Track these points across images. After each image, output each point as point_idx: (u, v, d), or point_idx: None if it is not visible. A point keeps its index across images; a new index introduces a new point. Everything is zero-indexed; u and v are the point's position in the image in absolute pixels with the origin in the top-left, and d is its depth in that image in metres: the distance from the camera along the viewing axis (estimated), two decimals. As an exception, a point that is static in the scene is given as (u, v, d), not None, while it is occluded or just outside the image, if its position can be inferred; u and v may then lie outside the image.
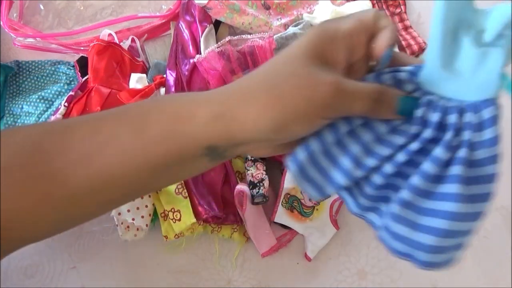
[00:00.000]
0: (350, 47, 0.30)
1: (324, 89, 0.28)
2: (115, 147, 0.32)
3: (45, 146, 0.33)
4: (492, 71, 0.27)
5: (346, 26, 0.30)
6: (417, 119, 0.29)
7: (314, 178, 0.32)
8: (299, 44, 0.30)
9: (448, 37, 0.28)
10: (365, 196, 0.32)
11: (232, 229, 0.52)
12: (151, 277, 0.50)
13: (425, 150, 0.29)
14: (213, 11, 0.58)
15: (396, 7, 0.68)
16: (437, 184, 0.29)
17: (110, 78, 0.55)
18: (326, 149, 0.31)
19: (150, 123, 0.31)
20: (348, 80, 0.30)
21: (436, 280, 0.53)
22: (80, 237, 0.51)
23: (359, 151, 0.31)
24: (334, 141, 0.31)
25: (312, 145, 0.31)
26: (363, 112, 0.30)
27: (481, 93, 0.27)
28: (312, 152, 0.31)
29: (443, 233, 0.29)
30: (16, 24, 0.60)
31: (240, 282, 0.51)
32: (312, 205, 0.53)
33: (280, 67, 0.30)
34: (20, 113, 0.55)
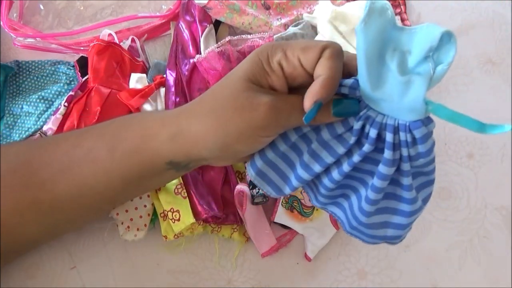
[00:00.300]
0: (288, 76, 0.33)
1: (260, 110, 0.31)
2: (91, 160, 0.36)
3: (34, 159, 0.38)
4: (416, 99, 0.28)
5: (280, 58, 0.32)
6: (356, 131, 0.31)
7: (273, 180, 0.35)
8: (239, 68, 0.33)
9: (374, 61, 0.28)
10: (321, 195, 0.36)
11: (232, 229, 0.52)
12: (151, 277, 0.50)
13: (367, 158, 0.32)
14: (213, 11, 0.58)
15: (396, 7, 0.68)
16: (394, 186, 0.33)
17: (110, 78, 0.55)
18: (283, 154, 0.34)
19: (121, 141, 0.36)
20: (282, 97, 0.32)
21: (436, 280, 0.53)
22: (80, 237, 0.51)
23: (308, 157, 0.34)
24: (289, 146, 0.34)
25: (268, 154, 0.34)
26: (302, 122, 0.32)
27: (411, 115, 0.29)
28: (269, 159, 0.34)
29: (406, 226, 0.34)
30: (16, 24, 0.60)
31: (240, 282, 0.51)
32: (312, 205, 0.53)
33: (224, 90, 0.33)
34: (20, 113, 0.55)
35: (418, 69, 0.27)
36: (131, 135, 0.36)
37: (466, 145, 0.61)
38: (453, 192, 0.58)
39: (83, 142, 0.38)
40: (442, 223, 0.56)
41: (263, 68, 0.33)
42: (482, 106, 0.63)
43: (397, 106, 0.29)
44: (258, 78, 0.32)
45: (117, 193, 0.38)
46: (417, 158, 0.31)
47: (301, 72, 0.32)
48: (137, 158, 0.35)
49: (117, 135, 0.37)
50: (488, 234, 0.56)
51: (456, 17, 0.69)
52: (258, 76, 0.32)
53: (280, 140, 0.34)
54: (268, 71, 0.33)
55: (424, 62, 0.27)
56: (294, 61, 0.32)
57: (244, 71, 0.33)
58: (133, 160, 0.36)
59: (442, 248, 0.55)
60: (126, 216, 0.49)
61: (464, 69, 0.66)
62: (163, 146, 0.34)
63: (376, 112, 0.31)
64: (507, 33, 0.68)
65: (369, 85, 0.29)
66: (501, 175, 0.59)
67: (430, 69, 0.27)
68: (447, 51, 0.27)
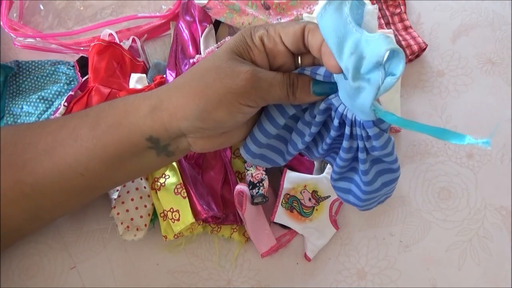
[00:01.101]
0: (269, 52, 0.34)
1: (241, 77, 0.32)
2: (73, 139, 0.36)
3: (20, 139, 0.38)
4: (364, 104, 0.29)
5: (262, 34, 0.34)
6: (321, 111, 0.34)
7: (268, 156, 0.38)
8: (224, 44, 0.35)
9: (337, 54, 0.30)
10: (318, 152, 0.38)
11: (232, 229, 0.52)
12: (151, 277, 0.51)
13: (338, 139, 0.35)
14: (213, 11, 0.58)
15: (396, 7, 0.68)
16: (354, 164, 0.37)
17: (110, 78, 0.55)
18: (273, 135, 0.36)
19: (103, 118, 0.36)
20: (263, 70, 0.33)
21: (436, 280, 0.53)
22: (80, 237, 0.51)
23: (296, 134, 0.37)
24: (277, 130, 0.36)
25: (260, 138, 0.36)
26: (283, 97, 0.34)
27: (362, 116, 0.31)
28: (261, 143, 0.36)
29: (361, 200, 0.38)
30: (16, 24, 0.60)
31: (240, 282, 0.51)
32: (311, 205, 0.53)
33: (207, 63, 0.34)
34: (20, 113, 0.55)
35: (369, 75, 0.28)
36: (114, 112, 0.36)
37: (466, 145, 0.61)
38: (453, 192, 0.58)
39: (68, 122, 0.38)
40: (442, 223, 0.56)
41: (246, 42, 0.34)
42: (482, 106, 0.63)
43: (352, 105, 0.31)
44: (241, 51, 0.34)
45: (97, 176, 0.37)
46: (373, 150, 0.33)
47: (282, 49, 0.34)
48: (117, 133, 0.35)
49: (101, 113, 0.37)
50: (488, 234, 0.56)
51: (456, 17, 0.69)
52: (241, 49, 0.34)
53: (269, 124, 0.36)
54: (251, 45, 0.34)
55: (376, 70, 0.28)
56: (275, 37, 0.33)
57: (228, 45, 0.34)
58: (113, 136, 0.35)
59: (442, 248, 0.55)
60: (126, 216, 0.49)
61: (464, 69, 0.66)
62: (143, 120, 0.35)
63: (340, 101, 0.33)
64: (507, 33, 0.68)
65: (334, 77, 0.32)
66: (501, 175, 0.59)
67: (379, 79, 0.27)
68: (397, 64, 0.27)
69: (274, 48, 0.34)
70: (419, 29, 0.68)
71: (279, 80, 0.33)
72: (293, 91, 0.34)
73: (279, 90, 0.33)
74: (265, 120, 0.36)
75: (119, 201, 0.49)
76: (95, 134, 0.36)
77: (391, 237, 0.55)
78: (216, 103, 0.32)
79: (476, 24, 0.69)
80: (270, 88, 0.33)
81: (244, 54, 0.34)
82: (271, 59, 0.34)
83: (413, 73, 0.65)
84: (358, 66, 0.28)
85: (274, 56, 0.34)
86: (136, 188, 0.50)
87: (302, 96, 0.34)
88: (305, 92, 0.34)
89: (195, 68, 0.35)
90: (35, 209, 0.39)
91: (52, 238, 0.51)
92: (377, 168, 0.36)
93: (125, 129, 0.35)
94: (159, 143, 0.36)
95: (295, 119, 0.37)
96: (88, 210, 0.52)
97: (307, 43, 0.33)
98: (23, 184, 0.37)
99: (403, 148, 0.60)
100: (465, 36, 0.68)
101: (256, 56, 0.34)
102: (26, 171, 0.37)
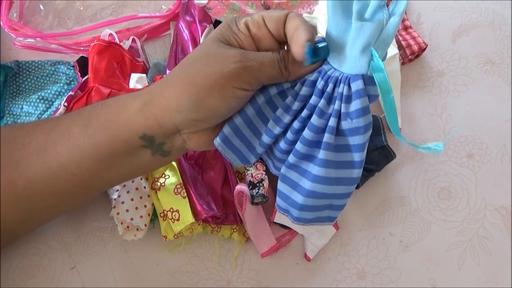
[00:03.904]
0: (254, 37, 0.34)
1: (231, 60, 0.32)
2: (66, 138, 0.36)
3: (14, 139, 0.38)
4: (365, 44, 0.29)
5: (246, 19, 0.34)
6: (308, 81, 0.33)
7: (239, 148, 0.36)
8: (210, 34, 0.35)
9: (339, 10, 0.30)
10: (277, 159, 0.37)
11: (232, 229, 0.52)
12: (151, 277, 0.51)
13: None
14: (213, 11, 0.58)
15: (396, 7, 0.68)
16: (315, 149, 0.33)
17: (110, 78, 0.55)
18: (249, 121, 0.35)
19: (95, 116, 0.36)
20: (252, 51, 0.33)
21: (435, 280, 0.53)
22: (80, 237, 0.51)
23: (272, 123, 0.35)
24: (255, 112, 0.35)
25: (236, 119, 0.35)
26: (276, 74, 0.33)
27: (354, 68, 0.30)
28: (236, 125, 0.35)
29: (308, 193, 0.33)
30: (16, 24, 0.60)
31: (240, 282, 0.51)
32: (311, 205, 0.53)
33: (195, 53, 0.34)
34: (20, 113, 0.55)
35: (374, 18, 0.29)
36: (105, 110, 0.36)
37: (466, 145, 0.61)
38: (453, 192, 0.58)
39: (61, 122, 0.38)
40: (442, 223, 0.56)
41: (231, 29, 0.34)
42: (482, 106, 0.63)
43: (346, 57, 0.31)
44: (226, 38, 0.34)
45: (89, 175, 0.37)
46: (345, 118, 0.31)
47: (265, 33, 0.34)
48: (108, 131, 0.35)
49: (93, 111, 0.37)
50: (488, 234, 0.56)
51: (456, 17, 0.69)
52: (226, 36, 0.34)
53: (248, 104, 0.35)
54: (236, 31, 0.34)
55: (379, 11, 0.29)
56: (258, 20, 0.33)
57: (213, 34, 0.34)
58: (105, 134, 0.35)
59: (442, 248, 0.55)
60: (126, 216, 0.49)
61: (464, 69, 0.66)
62: (134, 117, 0.34)
63: (329, 66, 0.32)
64: (507, 33, 0.68)
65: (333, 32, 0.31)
66: (501, 175, 0.59)
67: (383, 17, 0.28)
68: (400, 4, 0.28)
69: (259, 32, 0.34)
70: (419, 29, 0.68)
71: (269, 57, 0.33)
72: (285, 65, 0.33)
73: (270, 67, 0.33)
74: None
75: (119, 201, 0.49)
76: (87, 132, 0.36)
77: (391, 237, 0.55)
78: (208, 90, 0.32)
79: (476, 24, 0.69)
80: (261, 66, 0.32)
81: (230, 41, 0.34)
82: (257, 43, 0.34)
83: (413, 73, 0.65)
84: (361, 11, 0.29)
85: (259, 40, 0.34)
86: (136, 188, 0.50)
87: (295, 69, 0.33)
88: (297, 64, 0.33)
89: (184, 60, 0.35)
90: (28, 211, 0.39)
91: (52, 238, 0.51)
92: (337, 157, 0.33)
93: (116, 127, 0.35)
94: (154, 141, 0.35)
95: (272, 108, 0.35)
96: (88, 210, 0.52)
97: (286, 28, 0.33)
98: (16, 185, 0.37)
99: (403, 148, 0.60)
100: (465, 36, 0.68)
101: (242, 41, 0.34)
102: (19, 171, 0.37)
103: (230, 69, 0.32)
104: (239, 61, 0.32)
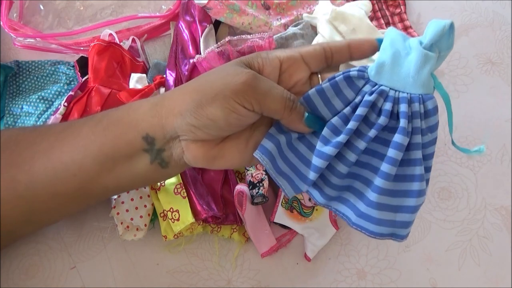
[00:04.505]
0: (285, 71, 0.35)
1: (241, 75, 0.33)
2: (74, 137, 0.37)
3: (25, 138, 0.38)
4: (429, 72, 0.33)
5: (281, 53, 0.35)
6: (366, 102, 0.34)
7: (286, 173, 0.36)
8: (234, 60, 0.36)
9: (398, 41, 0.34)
10: (331, 186, 0.36)
11: (232, 229, 0.52)
12: (151, 277, 0.51)
13: (378, 138, 0.34)
14: (213, 11, 0.58)
15: (396, 7, 0.68)
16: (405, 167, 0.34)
17: (110, 78, 0.55)
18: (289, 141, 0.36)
19: (106, 116, 0.37)
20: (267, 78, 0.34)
21: (435, 280, 0.53)
22: (80, 237, 0.51)
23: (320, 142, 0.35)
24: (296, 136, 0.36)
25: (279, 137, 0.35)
26: (279, 109, 0.33)
27: (422, 89, 0.33)
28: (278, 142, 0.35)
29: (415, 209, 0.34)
30: (16, 24, 0.60)
31: (239, 282, 0.51)
32: (311, 205, 0.53)
33: (215, 69, 0.35)
34: (20, 113, 0.55)
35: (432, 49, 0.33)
36: (118, 111, 0.37)
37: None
38: (453, 192, 0.58)
39: (76, 122, 0.39)
40: (441, 223, 0.56)
41: (260, 57, 0.35)
42: (482, 106, 0.63)
43: (412, 81, 0.33)
44: (250, 62, 0.35)
45: (89, 177, 0.37)
46: (427, 132, 0.34)
47: (301, 66, 0.35)
48: (115, 130, 0.36)
49: (108, 113, 0.38)
50: (488, 234, 0.56)
51: (456, 17, 0.69)
52: (251, 61, 0.35)
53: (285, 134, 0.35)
54: (264, 61, 0.35)
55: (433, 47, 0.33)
56: (294, 54, 0.34)
57: (239, 58, 0.35)
58: (111, 132, 0.36)
59: (442, 248, 0.55)
60: (126, 216, 0.49)
61: (464, 69, 0.66)
62: (142, 116, 0.35)
63: (388, 88, 0.34)
64: (507, 33, 0.68)
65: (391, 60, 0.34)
66: (501, 175, 0.59)
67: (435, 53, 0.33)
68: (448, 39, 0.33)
69: (294, 65, 0.35)
70: (419, 29, 0.68)
71: (280, 91, 0.34)
72: (291, 108, 0.34)
73: (276, 99, 0.33)
74: None
75: (119, 201, 0.49)
76: (95, 130, 0.36)
77: (391, 237, 0.55)
78: (211, 97, 0.32)
79: (476, 24, 0.69)
80: (269, 94, 0.33)
81: (252, 64, 0.34)
82: (287, 76, 0.35)
83: (413, 73, 0.65)
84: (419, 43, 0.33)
85: (292, 73, 0.35)
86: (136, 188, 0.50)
87: (295, 119, 0.34)
88: (299, 117, 0.34)
89: (203, 74, 0.36)
90: (29, 213, 0.39)
91: (52, 238, 0.51)
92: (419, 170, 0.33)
93: (123, 125, 0.36)
94: (154, 145, 0.35)
95: None
96: (88, 210, 0.52)
97: None
98: (18, 184, 0.37)
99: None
100: (465, 36, 0.68)
101: (266, 70, 0.35)
102: (23, 169, 0.37)
103: (237, 84, 0.32)
104: (248, 78, 0.32)
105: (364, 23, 0.55)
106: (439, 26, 0.32)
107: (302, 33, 0.56)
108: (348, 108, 0.34)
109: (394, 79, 0.34)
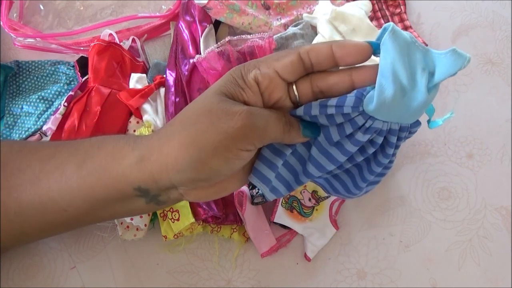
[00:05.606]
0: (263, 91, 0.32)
1: (236, 118, 0.30)
2: (59, 174, 0.35)
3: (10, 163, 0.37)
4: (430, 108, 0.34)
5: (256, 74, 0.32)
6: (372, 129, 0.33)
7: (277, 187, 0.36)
8: (212, 86, 0.33)
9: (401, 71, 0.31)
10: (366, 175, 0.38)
11: (232, 229, 0.52)
12: (151, 277, 0.51)
13: None
14: (213, 11, 0.58)
15: (396, 7, 0.68)
16: None
17: (110, 78, 0.55)
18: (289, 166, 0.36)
19: (90, 158, 0.34)
20: (257, 108, 0.32)
21: (435, 280, 0.53)
22: (80, 237, 0.51)
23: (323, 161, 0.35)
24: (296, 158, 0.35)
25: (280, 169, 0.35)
26: (279, 135, 0.32)
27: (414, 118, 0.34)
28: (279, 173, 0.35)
29: None
30: (16, 24, 0.60)
31: (240, 282, 0.51)
32: (311, 205, 0.53)
33: (196, 107, 0.32)
34: (20, 113, 0.55)
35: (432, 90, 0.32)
36: (101, 153, 0.34)
37: (466, 145, 0.61)
38: (453, 192, 0.58)
39: (58, 153, 0.36)
40: (441, 223, 0.56)
41: (237, 83, 0.32)
42: (482, 106, 0.63)
43: (408, 117, 0.33)
44: (232, 92, 0.32)
45: (81, 214, 0.35)
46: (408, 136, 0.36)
47: (279, 83, 0.32)
48: (103, 178, 0.33)
49: (89, 151, 0.35)
50: (488, 234, 0.56)
51: (456, 17, 0.69)
52: (232, 90, 0.32)
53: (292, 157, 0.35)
54: (243, 87, 0.32)
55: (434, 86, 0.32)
56: (269, 72, 0.32)
57: (217, 86, 0.32)
58: (99, 180, 0.34)
59: (442, 248, 0.55)
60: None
61: (464, 69, 0.65)
62: (129, 170, 0.32)
63: (381, 122, 0.32)
64: (507, 33, 0.68)
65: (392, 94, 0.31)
66: (500, 175, 0.59)
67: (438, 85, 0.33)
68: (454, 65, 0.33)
69: (270, 85, 0.32)
70: (419, 29, 0.68)
71: (275, 117, 0.32)
72: (289, 129, 0.32)
73: (275, 128, 0.31)
74: None
75: (119, 201, 0.49)
76: (80, 174, 0.34)
77: (391, 237, 0.55)
78: (211, 151, 0.30)
79: (476, 24, 0.69)
80: (267, 126, 0.31)
81: (235, 96, 0.32)
82: (267, 96, 0.33)
83: (413, 73, 0.65)
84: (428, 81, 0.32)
85: (270, 93, 0.32)
86: (136, 188, 0.50)
87: (294, 135, 0.33)
88: (297, 132, 0.33)
89: (184, 114, 0.32)
90: (19, 234, 0.38)
91: (52, 238, 0.51)
92: None
93: (111, 176, 0.33)
94: (149, 193, 0.33)
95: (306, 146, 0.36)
96: (88, 210, 0.52)
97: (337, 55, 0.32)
98: (7, 209, 0.36)
99: (403, 148, 0.60)
100: (465, 36, 0.68)
101: (249, 97, 0.32)
102: (12, 197, 0.36)
103: (235, 129, 0.30)
104: (245, 119, 0.30)
105: (364, 23, 0.56)
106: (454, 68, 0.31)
107: (302, 33, 0.56)
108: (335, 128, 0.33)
109: (390, 115, 0.32)
